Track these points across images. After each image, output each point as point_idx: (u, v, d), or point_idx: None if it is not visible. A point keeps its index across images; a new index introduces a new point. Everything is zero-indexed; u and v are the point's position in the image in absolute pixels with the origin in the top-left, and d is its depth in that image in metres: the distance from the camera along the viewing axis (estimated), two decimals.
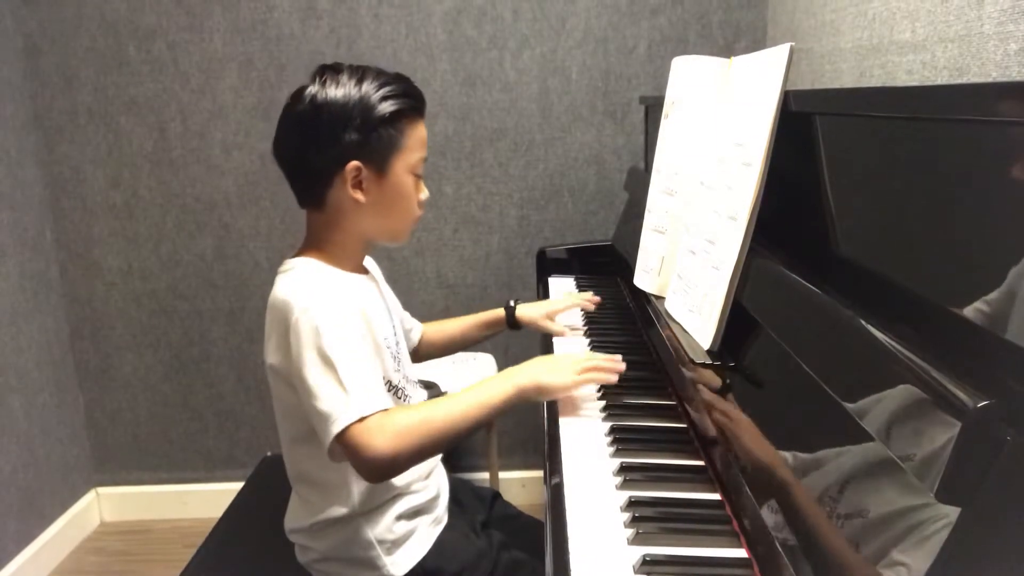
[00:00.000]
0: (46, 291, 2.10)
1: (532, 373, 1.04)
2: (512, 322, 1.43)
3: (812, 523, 0.63)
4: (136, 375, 2.22)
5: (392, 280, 1.28)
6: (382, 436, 0.92)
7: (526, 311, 1.43)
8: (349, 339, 0.97)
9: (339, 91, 1.01)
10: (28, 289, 2.02)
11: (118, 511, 2.31)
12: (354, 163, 1.01)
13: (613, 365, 1.08)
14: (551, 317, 1.44)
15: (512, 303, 1.45)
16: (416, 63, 2.02)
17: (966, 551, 0.47)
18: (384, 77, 1.04)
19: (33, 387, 2.03)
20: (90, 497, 2.27)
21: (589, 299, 1.46)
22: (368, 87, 1.02)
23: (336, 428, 0.92)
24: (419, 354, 1.39)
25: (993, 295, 0.58)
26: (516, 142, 2.08)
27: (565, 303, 1.47)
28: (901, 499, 0.55)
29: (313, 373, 0.94)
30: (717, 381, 0.92)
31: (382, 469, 0.96)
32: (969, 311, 0.61)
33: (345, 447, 0.94)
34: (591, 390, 1.14)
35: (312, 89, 1.02)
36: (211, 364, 2.22)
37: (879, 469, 0.58)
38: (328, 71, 1.03)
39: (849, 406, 0.62)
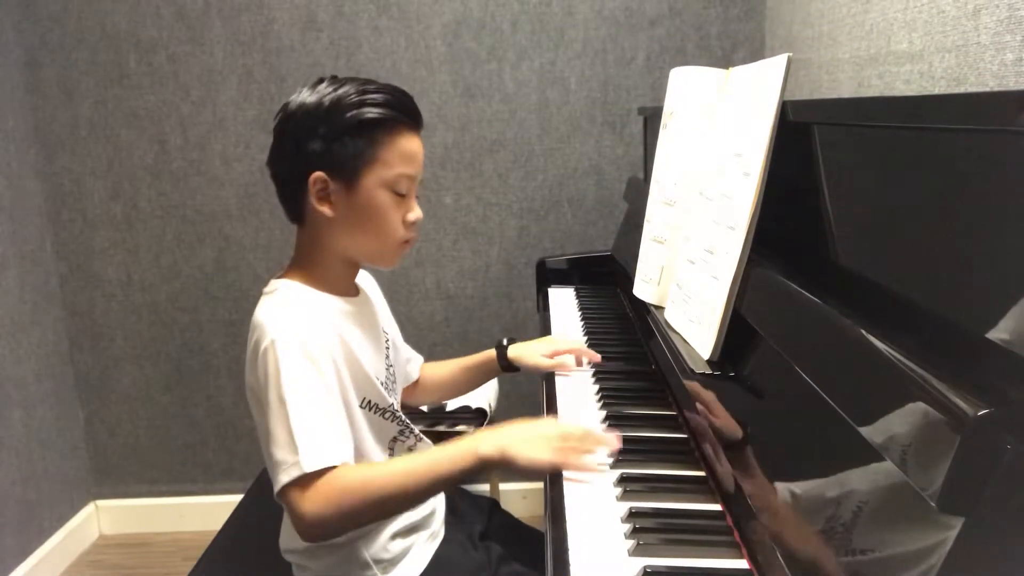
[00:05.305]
0: (46, 303, 2.10)
1: (502, 443, 0.91)
2: (505, 364, 1.28)
3: (812, 533, 0.63)
4: (135, 387, 2.22)
5: (391, 291, 1.26)
6: (315, 500, 0.89)
7: (521, 351, 1.27)
8: (311, 384, 0.93)
9: (312, 98, 0.98)
10: (28, 301, 2.02)
11: (117, 524, 2.30)
12: (317, 174, 0.97)
13: (591, 467, 0.92)
14: (552, 355, 1.27)
15: (504, 342, 1.30)
16: (415, 75, 2.03)
17: (967, 560, 0.47)
18: (370, 86, 0.99)
19: (32, 399, 2.02)
20: (89, 510, 2.26)
21: (590, 355, 1.27)
22: (344, 94, 0.97)
23: (281, 480, 0.90)
24: (416, 394, 1.32)
25: (992, 303, 0.58)
26: (515, 153, 2.08)
27: (568, 344, 1.29)
28: (902, 508, 0.54)
29: (270, 416, 0.92)
30: (717, 391, 0.92)
31: (310, 533, 0.93)
32: (969, 320, 0.61)
33: (284, 502, 0.92)
34: (590, 395, 1.14)
35: (291, 98, 1.00)
36: (211, 376, 2.22)
37: (880, 479, 0.58)
38: (316, 81, 1.01)
39: (849, 416, 0.62)
